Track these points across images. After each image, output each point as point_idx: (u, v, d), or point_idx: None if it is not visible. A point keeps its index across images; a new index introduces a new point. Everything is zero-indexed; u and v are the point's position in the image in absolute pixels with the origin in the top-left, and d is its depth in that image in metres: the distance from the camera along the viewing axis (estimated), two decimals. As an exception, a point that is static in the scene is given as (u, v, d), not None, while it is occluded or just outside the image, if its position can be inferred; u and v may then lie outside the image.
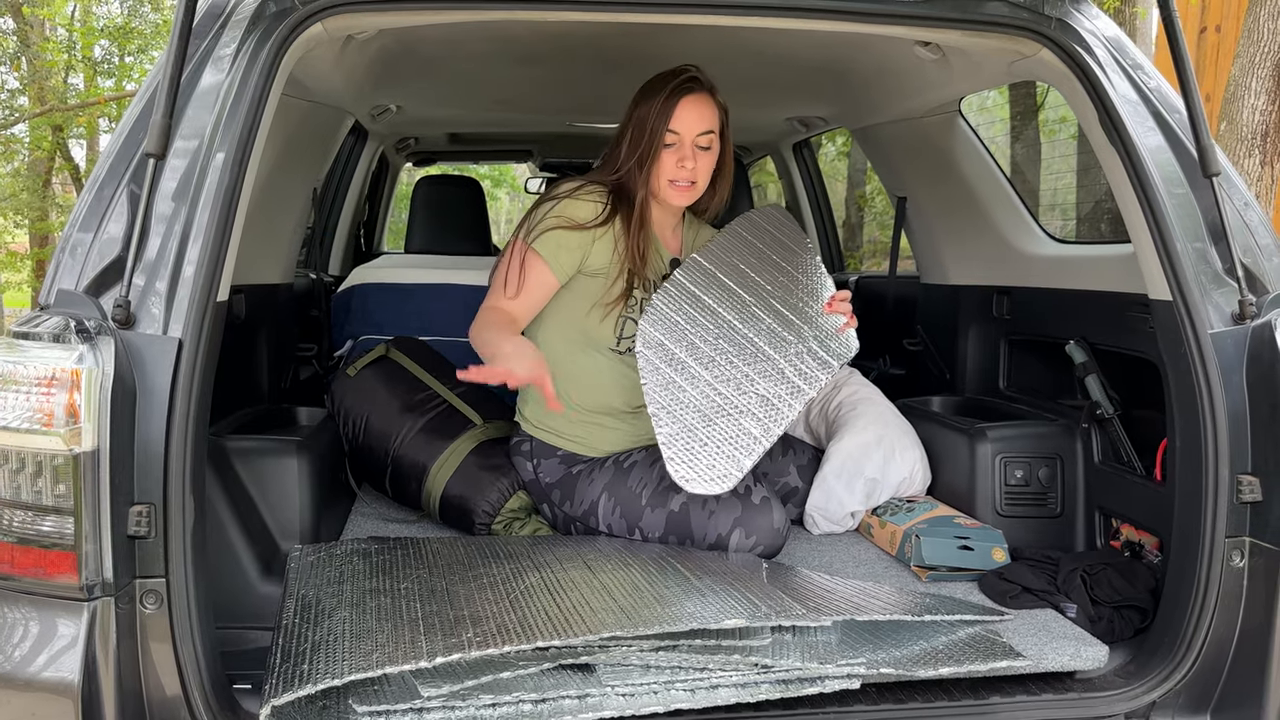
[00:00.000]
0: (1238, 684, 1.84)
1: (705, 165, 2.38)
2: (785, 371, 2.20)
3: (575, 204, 2.37)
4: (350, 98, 2.88)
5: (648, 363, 2.20)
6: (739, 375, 2.20)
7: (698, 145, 2.35)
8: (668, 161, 2.35)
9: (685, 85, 2.33)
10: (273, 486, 2.17)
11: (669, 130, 2.33)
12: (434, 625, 1.71)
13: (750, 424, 2.13)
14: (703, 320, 2.29)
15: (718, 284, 2.37)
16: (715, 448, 2.11)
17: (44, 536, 1.53)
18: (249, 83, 1.76)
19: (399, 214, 7.51)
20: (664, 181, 2.37)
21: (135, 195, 1.69)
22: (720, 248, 2.47)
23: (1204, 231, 1.93)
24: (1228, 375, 1.84)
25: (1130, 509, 2.30)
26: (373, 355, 2.79)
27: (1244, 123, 5.11)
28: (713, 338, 2.26)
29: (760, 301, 2.35)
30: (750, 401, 2.16)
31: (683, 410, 2.14)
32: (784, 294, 2.37)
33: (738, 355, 2.24)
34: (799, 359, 2.23)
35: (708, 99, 2.36)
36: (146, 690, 1.57)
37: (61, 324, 1.54)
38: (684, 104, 2.33)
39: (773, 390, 2.18)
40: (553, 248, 2.35)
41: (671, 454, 2.10)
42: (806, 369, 2.23)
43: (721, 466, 2.09)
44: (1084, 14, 2.07)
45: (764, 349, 2.25)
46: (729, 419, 2.13)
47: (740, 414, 2.14)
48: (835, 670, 1.71)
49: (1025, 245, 2.89)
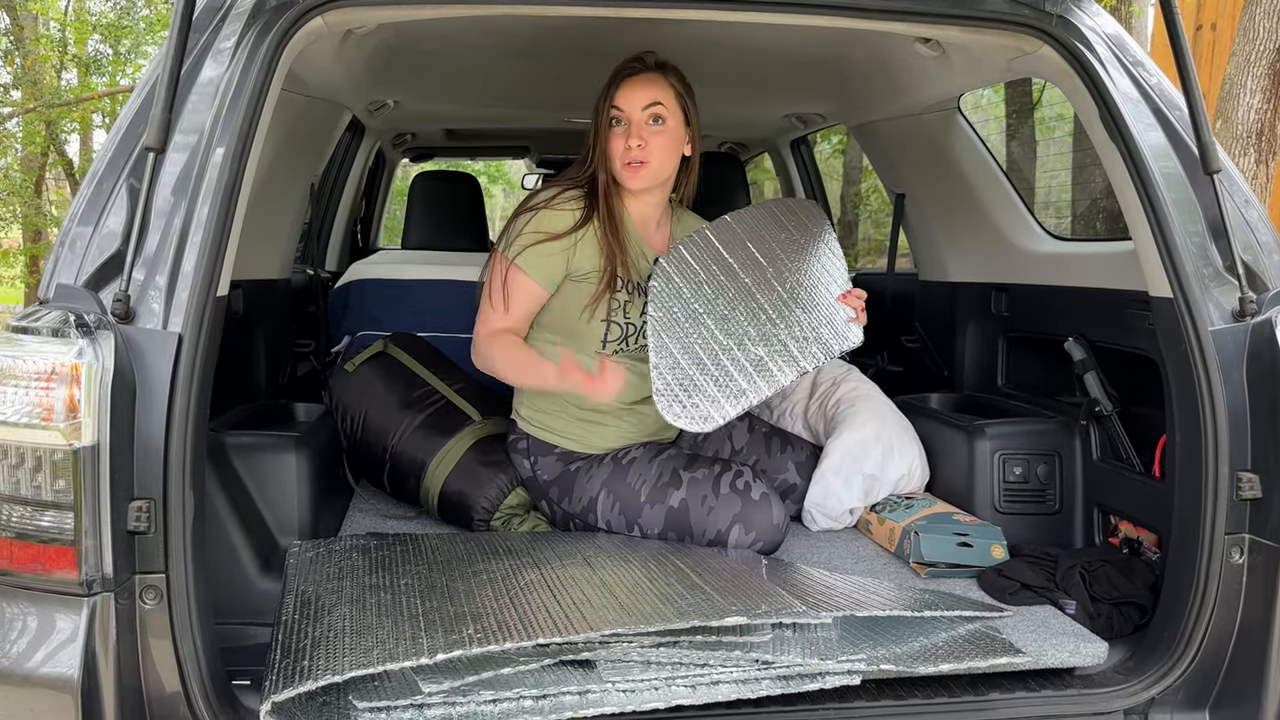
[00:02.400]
0: (1237, 680, 1.84)
1: (658, 143, 2.36)
2: (786, 342, 2.27)
3: (551, 215, 2.36)
4: (348, 93, 2.87)
5: (657, 296, 2.29)
6: (740, 332, 2.27)
7: (646, 120, 2.34)
8: (617, 142, 2.36)
9: (629, 66, 2.36)
10: (271, 482, 2.17)
11: (613, 108, 2.34)
12: (434, 621, 1.70)
13: (740, 378, 2.20)
14: (720, 275, 2.35)
15: (742, 248, 2.42)
16: (702, 390, 2.18)
17: (43, 531, 1.52)
18: (249, 77, 1.75)
19: (395, 210, 7.50)
20: (618, 164, 2.37)
21: (135, 189, 1.68)
22: (752, 219, 2.50)
23: (1204, 228, 1.93)
24: (1228, 372, 1.84)
25: (1129, 506, 2.31)
26: (370, 351, 2.78)
27: (1239, 121, 5.12)
28: (725, 292, 2.33)
29: (778, 274, 2.39)
30: (746, 357, 2.23)
31: (679, 348, 2.21)
32: (801, 275, 2.41)
33: (745, 315, 2.30)
34: (801, 335, 2.29)
35: (655, 77, 2.36)
36: (146, 686, 1.57)
37: (61, 318, 1.53)
38: (627, 83, 2.35)
39: (769, 354, 2.24)
40: (535, 260, 2.35)
41: (661, 387, 2.17)
42: (807, 346, 2.28)
43: (705, 408, 2.16)
44: (1085, 11, 2.06)
45: (771, 316, 2.31)
46: (721, 368, 2.20)
47: (734, 366, 2.21)
48: (835, 666, 1.71)
49: (1024, 242, 2.89)
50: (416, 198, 3.60)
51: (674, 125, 2.37)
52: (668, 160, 2.39)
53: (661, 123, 2.35)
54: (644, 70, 2.36)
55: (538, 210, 2.38)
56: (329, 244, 4.22)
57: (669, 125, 2.37)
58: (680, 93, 2.39)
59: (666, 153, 2.38)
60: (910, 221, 3.33)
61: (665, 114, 2.35)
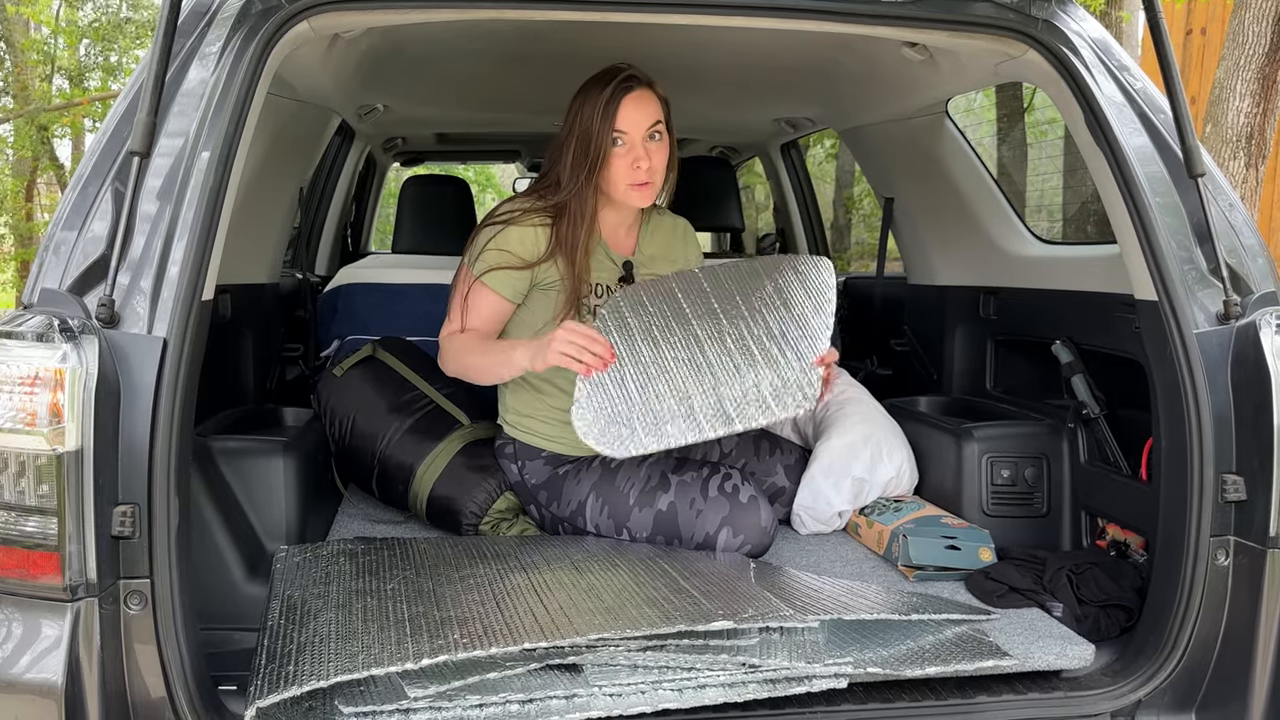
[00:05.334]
0: (1223, 682, 1.84)
1: (660, 160, 2.35)
2: (723, 402, 2.09)
3: (520, 233, 2.34)
4: (337, 97, 2.87)
5: (602, 321, 2.23)
6: (678, 379, 2.13)
7: (648, 140, 2.33)
8: (621, 164, 2.31)
9: (624, 84, 2.30)
10: (258, 487, 2.16)
11: (616, 131, 2.29)
12: (420, 627, 1.70)
13: (668, 423, 2.06)
14: (672, 319, 2.26)
15: (704, 300, 2.31)
16: (620, 416, 2.07)
17: (27, 537, 1.52)
18: (234, 81, 1.75)
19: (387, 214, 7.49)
20: (622, 186, 2.33)
21: (120, 194, 1.67)
22: (731, 274, 2.39)
23: (1189, 232, 1.94)
24: (1213, 375, 1.84)
25: (1116, 508, 2.31)
26: (359, 355, 2.78)
27: (1229, 125, 5.15)
28: (673, 336, 2.21)
29: (736, 332, 2.22)
30: (675, 403, 2.09)
31: (610, 376, 2.12)
32: (766, 335, 2.20)
33: (687, 363, 2.16)
34: (743, 396, 2.09)
35: (648, 93, 2.33)
36: (131, 692, 1.56)
37: (45, 323, 1.53)
38: (626, 102, 2.29)
39: (702, 406, 2.08)
40: (500, 279, 2.35)
41: (580, 397, 2.09)
42: (746, 407, 2.07)
43: (616, 432, 2.05)
44: (1070, 15, 2.07)
45: (714, 371, 2.14)
46: (645, 404, 2.08)
47: (660, 406, 2.08)
48: (822, 670, 1.71)
49: (1012, 246, 2.89)
50: (406, 202, 3.60)
51: (666, 138, 2.38)
52: (665, 172, 2.40)
53: (660, 139, 2.35)
54: (638, 87, 2.32)
55: (506, 228, 2.36)
56: (318, 248, 4.21)
57: (665, 141, 2.37)
58: (666, 105, 2.39)
59: (664, 166, 2.38)
60: (899, 225, 3.34)
61: (662, 130, 2.35)
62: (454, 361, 2.36)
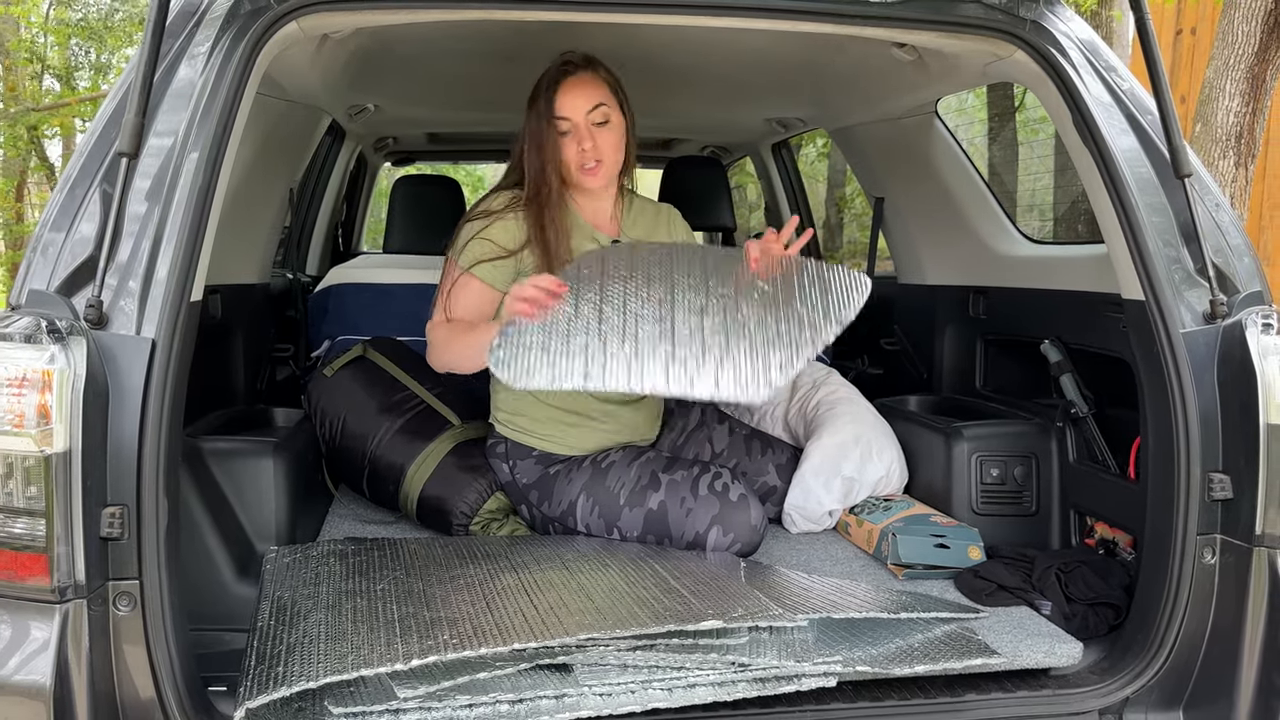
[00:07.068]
0: (1210, 680, 1.85)
1: (607, 141, 2.36)
2: (669, 364, 1.93)
3: (499, 227, 2.37)
4: (327, 97, 2.87)
5: (565, 273, 2.12)
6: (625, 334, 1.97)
7: (593, 123, 2.34)
8: (570, 150, 2.35)
9: (561, 71, 2.33)
10: (248, 487, 2.16)
11: (558, 118, 2.32)
12: (410, 627, 1.70)
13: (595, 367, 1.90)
14: (639, 282, 2.12)
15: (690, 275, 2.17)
16: (548, 355, 1.91)
17: (15, 539, 1.51)
18: (223, 81, 1.75)
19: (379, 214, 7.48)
20: (574, 170, 2.37)
21: (108, 195, 1.67)
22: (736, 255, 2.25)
23: (1176, 232, 1.95)
24: (1199, 374, 1.85)
25: (1104, 507, 2.32)
26: (350, 355, 2.77)
27: (1219, 124, 5.17)
28: (633, 296, 2.07)
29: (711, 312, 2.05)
30: (610, 356, 1.93)
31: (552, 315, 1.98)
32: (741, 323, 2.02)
33: (639, 323, 2.00)
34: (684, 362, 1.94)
35: (589, 75, 2.35)
36: (120, 693, 1.56)
37: (33, 324, 1.52)
38: (564, 88, 2.32)
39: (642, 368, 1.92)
40: (486, 269, 2.36)
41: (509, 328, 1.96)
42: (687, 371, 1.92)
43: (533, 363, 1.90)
44: (1058, 16, 2.08)
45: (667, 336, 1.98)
46: (581, 350, 1.93)
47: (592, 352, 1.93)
48: (812, 668, 1.71)
49: (1001, 245, 2.90)
50: (396, 202, 3.59)
51: (616, 119, 2.38)
52: (618, 154, 2.41)
53: (607, 122, 2.36)
54: (577, 71, 2.34)
55: (489, 223, 2.38)
56: (309, 248, 4.20)
57: (613, 121, 2.37)
58: (613, 84, 2.39)
59: (616, 148, 2.39)
60: (889, 225, 3.35)
61: (609, 112, 2.36)
62: (443, 351, 2.32)
